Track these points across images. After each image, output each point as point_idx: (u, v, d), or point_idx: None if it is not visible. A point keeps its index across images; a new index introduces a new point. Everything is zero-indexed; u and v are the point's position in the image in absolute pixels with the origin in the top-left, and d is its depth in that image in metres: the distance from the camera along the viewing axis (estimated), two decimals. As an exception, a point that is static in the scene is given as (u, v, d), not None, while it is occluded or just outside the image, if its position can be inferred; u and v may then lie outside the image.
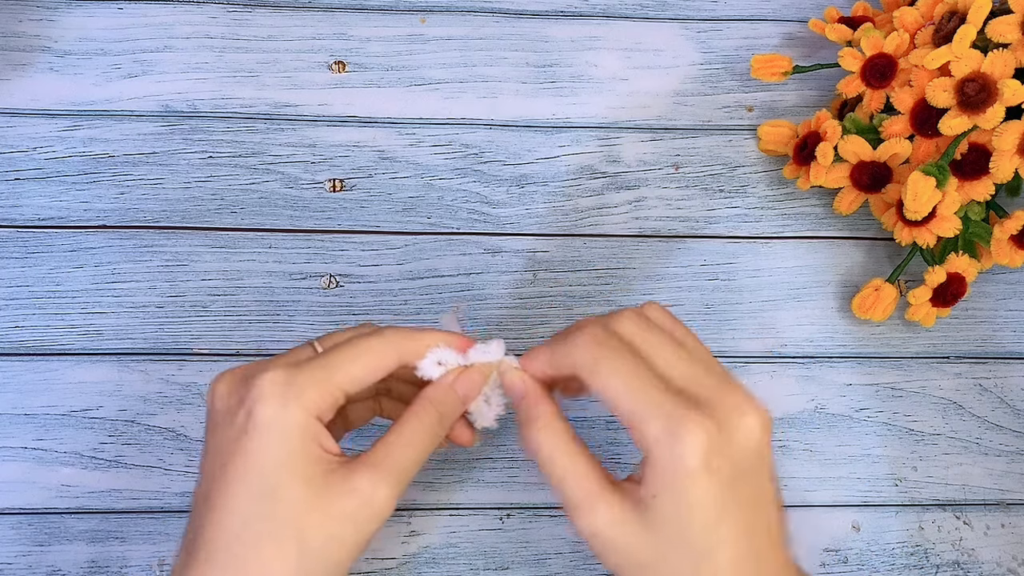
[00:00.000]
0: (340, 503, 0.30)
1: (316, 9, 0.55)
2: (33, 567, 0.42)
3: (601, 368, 0.31)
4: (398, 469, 0.31)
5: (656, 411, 0.30)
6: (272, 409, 0.30)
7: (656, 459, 0.30)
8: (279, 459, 0.30)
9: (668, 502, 0.29)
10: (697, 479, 0.29)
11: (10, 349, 0.46)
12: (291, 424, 0.30)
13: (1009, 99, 0.42)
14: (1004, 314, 0.52)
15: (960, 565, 0.46)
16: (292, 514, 0.30)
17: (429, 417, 0.33)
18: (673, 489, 0.29)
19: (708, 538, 0.29)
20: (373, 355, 0.32)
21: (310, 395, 0.31)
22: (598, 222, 0.51)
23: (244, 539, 0.30)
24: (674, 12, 0.58)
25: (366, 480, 0.31)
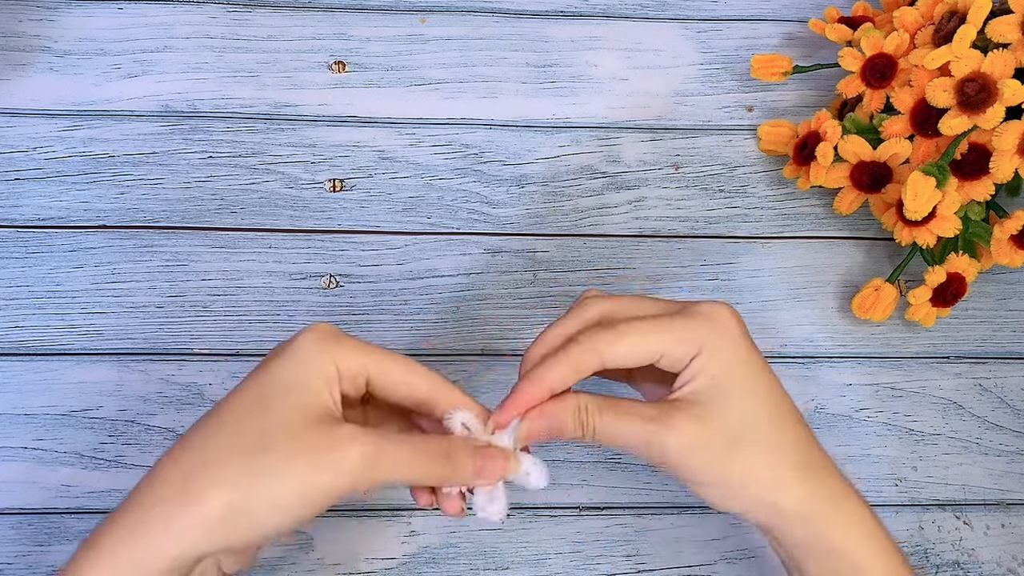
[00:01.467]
0: (311, 437, 0.31)
1: (316, 9, 0.55)
2: (33, 567, 0.42)
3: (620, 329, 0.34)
4: (382, 450, 0.31)
5: (685, 317, 0.34)
6: (309, 343, 0.32)
7: (708, 347, 0.34)
8: (290, 381, 0.32)
9: (729, 371, 0.34)
10: (746, 344, 0.35)
11: (10, 349, 0.46)
12: (316, 363, 0.32)
13: (1009, 99, 0.42)
14: (1004, 314, 0.52)
15: (960, 565, 0.46)
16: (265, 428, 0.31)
17: (440, 447, 0.33)
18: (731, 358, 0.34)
19: (770, 385, 0.35)
20: (411, 371, 0.34)
21: (344, 352, 0.32)
22: (598, 222, 0.51)
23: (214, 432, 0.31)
24: (674, 12, 0.58)
25: (347, 431, 0.31)
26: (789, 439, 0.34)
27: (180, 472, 0.31)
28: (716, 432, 0.33)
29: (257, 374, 0.33)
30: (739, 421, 0.33)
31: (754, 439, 0.34)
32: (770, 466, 0.33)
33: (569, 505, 0.45)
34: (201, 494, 0.30)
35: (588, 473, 0.46)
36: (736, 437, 0.33)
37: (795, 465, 0.34)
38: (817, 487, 0.34)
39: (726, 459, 0.33)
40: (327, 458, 0.31)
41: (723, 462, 0.33)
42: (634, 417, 0.33)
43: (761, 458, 0.33)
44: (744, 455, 0.33)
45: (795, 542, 0.34)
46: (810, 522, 0.34)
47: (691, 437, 0.33)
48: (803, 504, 0.33)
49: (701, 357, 0.34)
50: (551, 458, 0.46)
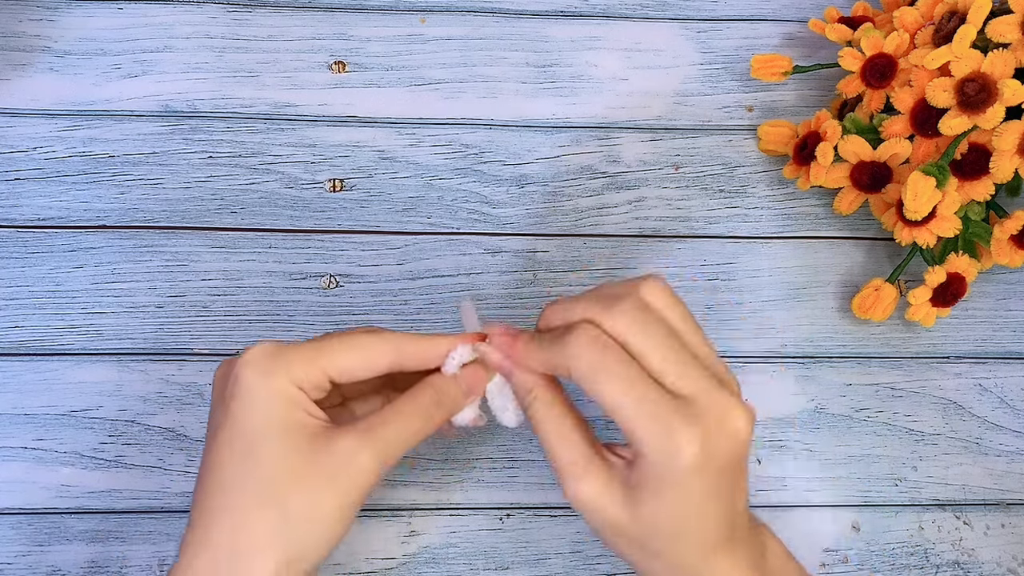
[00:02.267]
0: (320, 463, 0.31)
1: (316, 9, 0.55)
2: (33, 567, 0.42)
3: (599, 377, 0.31)
4: (384, 439, 0.32)
5: (652, 418, 0.30)
6: (255, 374, 0.31)
7: (650, 460, 0.31)
8: (260, 422, 0.31)
9: (656, 496, 0.31)
10: (686, 482, 0.31)
11: (10, 349, 0.46)
12: (273, 389, 0.31)
13: (1009, 99, 0.42)
14: (1004, 314, 0.52)
15: (960, 565, 0.46)
16: (272, 475, 0.30)
17: (426, 399, 0.34)
18: (663, 487, 0.31)
19: (689, 527, 0.32)
20: (365, 350, 0.33)
21: (294, 367, 0.32)
22: (598, 222, 0.51)
23: (228, 501, 0.31)
24: (674, 12, 0.58)
25: (348, 442, 0.31)
26: (684, 557, 0.33)
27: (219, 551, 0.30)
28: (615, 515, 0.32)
29: (225, 429, 0.31)
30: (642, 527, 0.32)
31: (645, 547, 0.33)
32: (651, 572, 0.33)
33: (569, 505, 0.45)
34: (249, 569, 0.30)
35: (588, 473, 0.46)
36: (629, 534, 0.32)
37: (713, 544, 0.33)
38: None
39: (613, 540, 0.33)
40: (345, 478, 0.31)
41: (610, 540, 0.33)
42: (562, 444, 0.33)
43: (645, 562, 0.33)
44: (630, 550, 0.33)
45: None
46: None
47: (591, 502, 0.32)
48: None
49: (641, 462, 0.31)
50: (551, 458, 0.46)
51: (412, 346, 0.34)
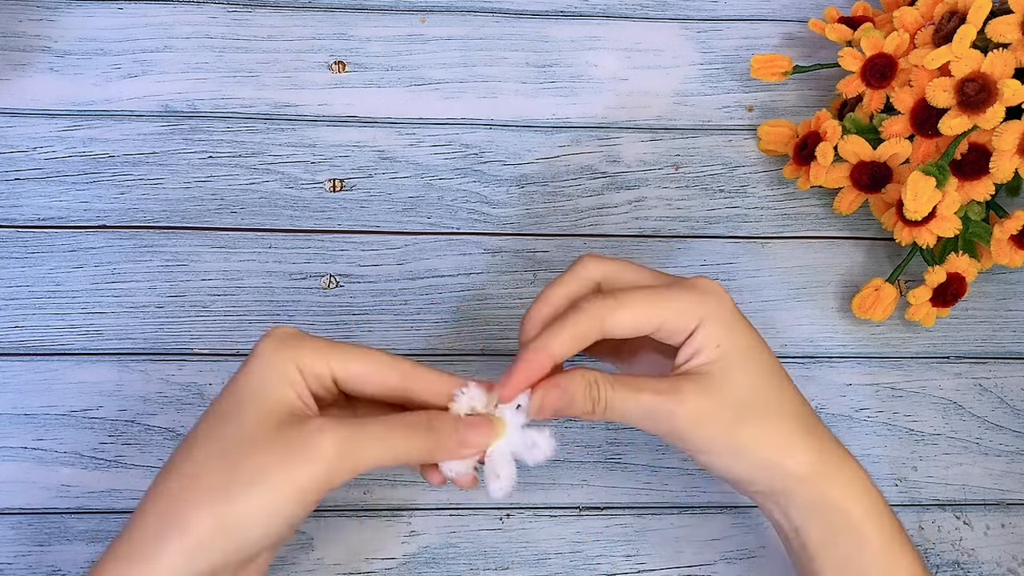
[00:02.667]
0: (283, 437, 0.31)
1: (316, 9, 0.55)
2: (33, 567, 0.42)
3: (620, 299, 0.34)
4: (355, 436, 0.31)
5: (683, 292, 0.35)
6: (268, 347, 0.33)
7: (707, 320, 0.34)
8: (253, 387, 0.32)
9: (732, 343, 0.35)
10: (739, 317, 0.36)
11: (10, 349, 0.46)
12: (276, 363, 0.32)
13: (1009, 99, 0.42)
14: (1004, 314, 0.52)
15: (960, 565, 0.46)
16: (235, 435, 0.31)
17: (419, 426, 0.33)
18: (730, 331, 0.35)
19: (771, 361, 0.36)
20: (375, 363, 0.33)
21: (304, 352, 0.33)
22: (598, 222, 0.51)
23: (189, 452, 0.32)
24: (674, 12, 0.58)
25: (316, 423, 0.31)
26: (792, 407, 0.36)
27: (164, 499, 0.31)
28: (725, 402, 0.34)
29: (226, 388, 0.33)
30: (745, 391, 0.35)
31: (761, 407, 0.35)
32: (777, 432, 0.35)
33: (569, 505, 0.45)
34: (185, 519, 0.30)
35: (588, 473, 0.46)
36: (744, 406, 0.34)
37: (800, 430, 0.35)
38: (820, 451, 0.35)
39: (735, 428, 0.34)
40: (299, 454, 0.31)
41: (732, 431, 0.34)
42: (644, 392, 0.34)
43: (769, 425, 0.35)
44: (753, 423, 0.34)
45: (799, 504, 0.35)
46: (815, 484, 0.35)
47: (700, 408, 0.34)
48: (809, 467, 0.35)
49: (702, 330, 0.35)
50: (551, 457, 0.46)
51: (422, 375, 0.34)
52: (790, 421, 0.35)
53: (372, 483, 0.45)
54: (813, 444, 0.35)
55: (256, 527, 0.30)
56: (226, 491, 0.30)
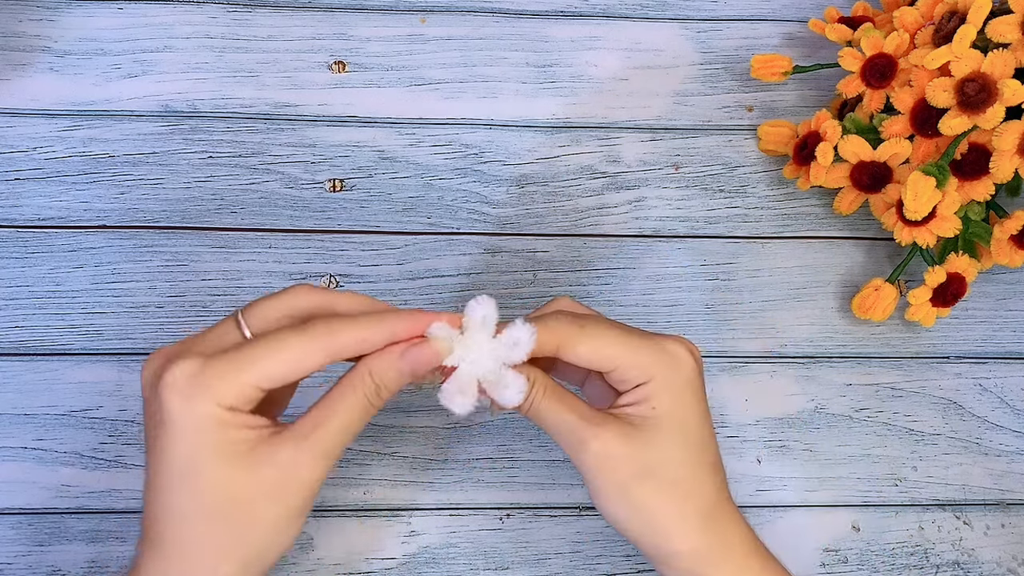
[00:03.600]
0: (262, 478, 0.31)
1: (316, 9, 0.55)
2: (33, 567, 0.42)
3: (588, 329, 0.35)
4: (323, 441, 0.31)
5: (647, 344, 0.35)
6: (179, 403, 0.30)
7: (659, 379, 0.35)
8: (192, 450, 0.30)
9: (671, 409, 0.35)
10: (692, 388, 0.35)
11: (10, 349, 0.46)
12: (199, 415, 0.30)
13: (1009, 99, 0.42)
14: (1004, 314, 0.52)
15: (960, 565, 0.46)
16: (214, 498, 0.30)
17: (365, 389, 0.32)
18: (676, 398, 0.35)
19: (703, 438, 0.36)
20: (294, 354, 0.31)
21: (219, 389, 0.30)
22: (598, 222, 0.51)
23: (173, 526, 0.31)
24: (674, 12, 0.58)
25: (287, 452, 0.31)
26: (703, 487, 0.35)
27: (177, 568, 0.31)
28: (636, 457, 0.34)
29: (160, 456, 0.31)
30: (660, 457, 0.34)
31: (668, 476, 0.34)
32: (673, 503, 0.34)
33: (569, 505, 0.45)
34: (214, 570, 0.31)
35: (588, 473, 0.46)
36: (652, 469, 0.34)
37: (699, 512, 0.35)
38: (713, 534, 0.35)
39: (635, 482, 0.34)
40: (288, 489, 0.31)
41: (631, 483, 0.34)
42: (571, 412, 0.34)
43: (669, 495, 0.34)
44: (653, 485, 0.34)
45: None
46: (699, 567, 0.34)
47: (611, 450, 0.34)
48: (696, 548, 0.34)
49: (648, 387, 0.35)
50: (551, 457, 0.46)
51: (348, 336, 0.32)
52: (692, 500, 0.35)
53: (372, 483, 0.45)
54: (710, 530, 0.35)
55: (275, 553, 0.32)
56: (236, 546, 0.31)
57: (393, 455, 0.46)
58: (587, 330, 0.35)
